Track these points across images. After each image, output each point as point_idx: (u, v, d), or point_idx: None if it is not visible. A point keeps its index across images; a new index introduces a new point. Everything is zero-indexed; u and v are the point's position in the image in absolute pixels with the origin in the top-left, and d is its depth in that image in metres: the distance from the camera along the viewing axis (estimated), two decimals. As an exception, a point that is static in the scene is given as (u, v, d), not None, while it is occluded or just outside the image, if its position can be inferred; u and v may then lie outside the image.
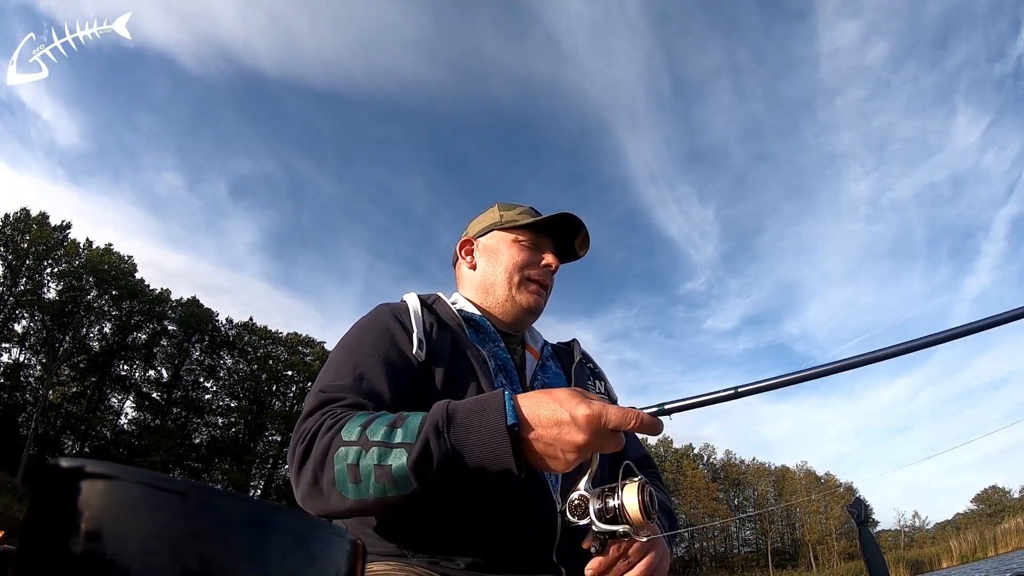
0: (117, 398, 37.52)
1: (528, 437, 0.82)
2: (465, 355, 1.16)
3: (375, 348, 1.09)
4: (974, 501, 55.48)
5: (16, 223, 33.09)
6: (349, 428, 0.87)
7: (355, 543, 0.35)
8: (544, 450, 0.82)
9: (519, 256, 1.32)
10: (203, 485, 0.29)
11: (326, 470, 0.86)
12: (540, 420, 0.81)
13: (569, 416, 0.80)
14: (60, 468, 0.29)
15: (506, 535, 1.01)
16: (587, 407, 0.80)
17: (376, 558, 1.02)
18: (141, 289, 37.43)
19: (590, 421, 0.79)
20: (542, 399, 0.83)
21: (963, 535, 34.03)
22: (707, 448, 57.12)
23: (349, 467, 0.84)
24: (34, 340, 33.67)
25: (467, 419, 0.83)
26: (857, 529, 1.22)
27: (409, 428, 0.84)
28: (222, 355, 41.41)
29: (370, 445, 0.84)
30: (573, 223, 1.34)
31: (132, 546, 0.27)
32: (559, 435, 0.80)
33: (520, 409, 0.83)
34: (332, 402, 0.97)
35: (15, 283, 32.51)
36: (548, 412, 0.81)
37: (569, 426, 0.80)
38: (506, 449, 0.80)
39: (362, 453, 0.84)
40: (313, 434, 0.91)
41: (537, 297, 1.32)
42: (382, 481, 0.82)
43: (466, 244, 1.42)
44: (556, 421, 0.81)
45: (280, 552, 0.30)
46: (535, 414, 0.82)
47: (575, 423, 0.80)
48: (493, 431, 0.81)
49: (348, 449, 0.85)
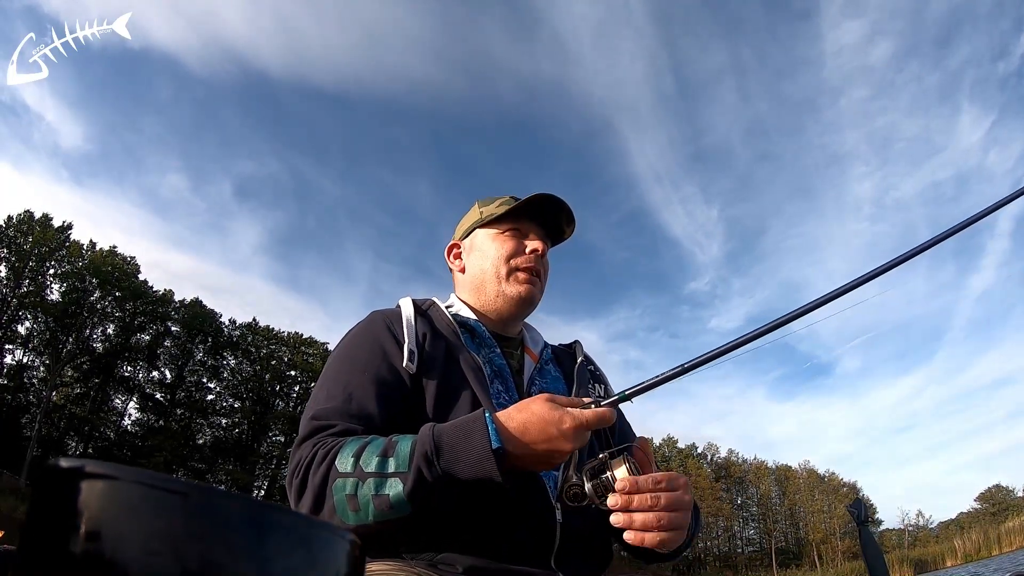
0: (120, 399, 37.68)
1: (515, 454, 0.89)
2: (459, 363, 1.15)
3: (366, 365, 1.10)
4: (978, 500, 55.45)
5: (19, 224, 33.22)
6: (343, 458, 0.91)
7: (355, 543, 0.35)
8: (533, 462, 0.90)
9: (503, 247, 1.29)
10: (203, 485, 0.29)
11: (326, 500, 0.90)
12: (526, 437, 0.89)
13: (556, 431, 0.88)
14: (60, 468, 0.29)
15: (505, 538, 1.01)
16: (570, 420, 0.88)
17: (376, 558, 1.01)
18: (144, 290, 37.54)
19: (577, 428, 0.88)
20: (523, 417, 0.90)
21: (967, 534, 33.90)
22: (710, 447, 57.12)
23: (348, 497, 0.88)
24: (37, 342, 33.79)
25: (454, 445, 0.88)
26: (857, 529, 1.22)
27: (400, 456, 0.89)
28: (225, 356, 41.53)
29: (366, 476, 0.88)
30: (553, 203, 1.30)
31: (132, 546, 0.27)
32: (548, 448, 0.88)
33: (503, 431, 0.89)
34: (323, 430, 1.00)
35: (18, 284, 32.62)
36: (534, 430, 0.88)
37: (558, 440, 0.88)
38: (493, 470, 0.86)
39: (359, 484, 0.88)
40: (307, 465, 0.94)
41: (528, 286, 1.28)
42: (381, 508, 0.87)
43: (453, 248, 1.41)
44: (545, 437, 0.88)
45: (280, 552, 0.30)
46: (521, 432, 0.89)
47: (563, 436, 0.88)
48: (479, 456, 0.87)
49: (345, 481, 0.89)
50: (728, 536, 52.80)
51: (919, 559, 32.78)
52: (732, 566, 50.42)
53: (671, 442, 55.43)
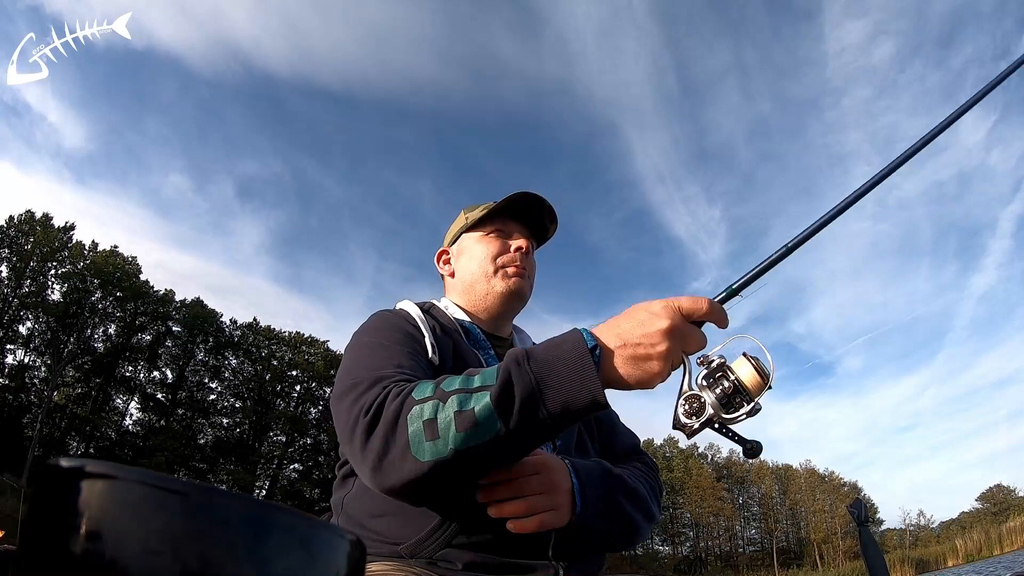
0: (122, 399, 37.68)
1: (613, 350, 0.82)
2: (465, 361, 1.16)
3: (403, 344, 1.08)
4: (979, 499, 55.34)
5: (20, 224, 33.24)
6: (420, 389, 0.85)
7: (355, 543, 0.35)
8: (633, 355, 0.81)
9: (490, 247, 1.33)
10: (203, 485, 0.29)
11: (398, 435, 0.82)
12: (620, 331, 0.82)
13: (646, 313, 0.82)
14: (60, 468, 0.29)
15: (503, 535, 1.00)
16: (658, 302, 0.83)
17: (376, 558, 1.01)
18: (146, 291, 37.55)
19: (667, 307, 0.82)
20: (614, 319, 0.85)
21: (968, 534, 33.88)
22: (712, 447, 57.10)
23: (426, 424, 0.80)
24: (39, 342, 33.82)
25: (547, 351, 0.82)
26: (857, 529, 1.21)
27: (487, 373, 0.82)
28: (227, 356, 41.52)
29: (447, 396, 0.81)
30: (533, 201, 1.34)
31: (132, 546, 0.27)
32: (644, 332, 0.81)
33: (597, 334, 0.83)
34: (385, 378, 0.94)
35: (19, 285, 32.66)
36: (627, 323, 0.83)
37: (649, 320, 0.81)
38: (591, 371, 0.79)
39: (439, 406, 0.80)
40: (379, 404, 0.86)
41: (517, 278, 1.32)
42: (463, 429, 0.78)
43: (442, 255, 1.46)
44: (638, 323, 0.82)
45: (280, 552, 0.30)
46: (614, 330, 0.83)
47: (654, 315, 0.81)
48: (576, 355, 0.80)
49: (423, 406, 0.81)
50: (729, 536, 52.73)
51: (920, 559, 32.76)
52: (733, 566, 50.37)
53: (672, 442, 55.44)
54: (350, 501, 1.12)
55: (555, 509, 0.94)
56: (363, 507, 1.08)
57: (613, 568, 2.20)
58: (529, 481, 0.93)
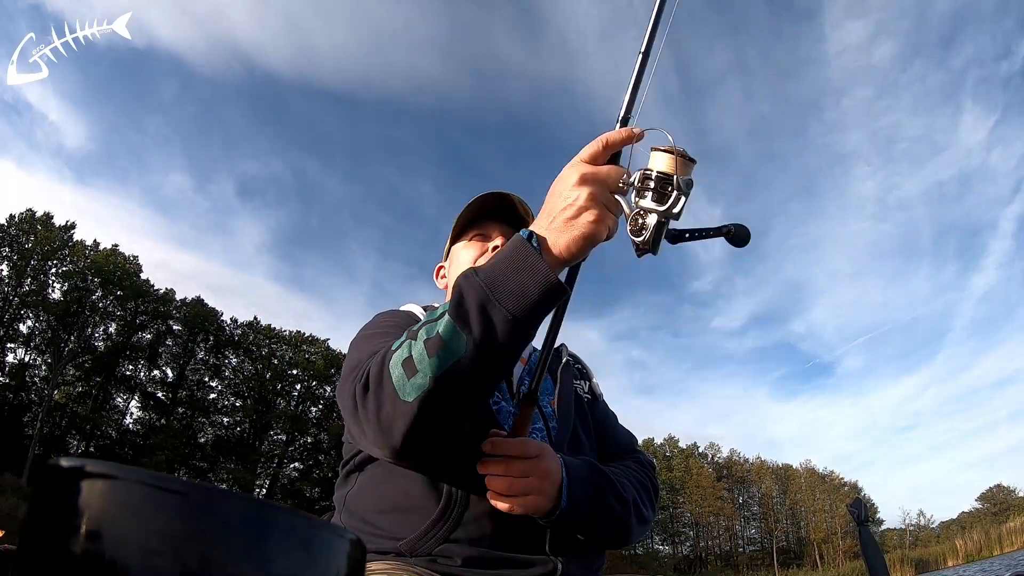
0: (122, 398, 37.73)
1: (547, 227, 0.84)
2: None
3: (402, 328, 1.11)
4: (979, 500, 55.29)
5: (21, 223, 33.27)
6: (396, 342, 0.89)
7: (355, 543, 0.35)
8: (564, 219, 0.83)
9: (471, 252, 1.36)
10: (203, 484, 0.29)
11: (385, 386, 0.85)
12: (546, 210, 0.86)
13: (557, 182, 0.87)
14: (60, 468, 0.29)
15: (501, 530, 1.02)
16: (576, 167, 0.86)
17: (376, 557, 1.02)
18: (146, 289, 37.58)
19: (570, 164, 0.86)
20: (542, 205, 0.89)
21: (968, 534, 33.90)
22: (712, 447, 57.11)
23: (405, 364, 0.83)
24: (39, 340, 33.86)
25: (491, 258, 0.85)
26: (857, 529, 1.22)
27: (445, 304, 0.86)
28: (227, 354, 41.54)
29: (416, 332, 0.85)
30: (498, 197, 1.37)
31: (132, 546, 0.27)
32: (561, 195, 0.84)
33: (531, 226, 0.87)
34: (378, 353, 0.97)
35: (20, 283, 32.68)
36: (548, 200, 0.87)
37: (561, 183, 0.86)
38: (533, 256, 0.81)
39: (412, 344, 0.83)
40: (367, 369, 0.91)
41: None
42: (434, 353, 0.80)
43: (439, 270, 1.52)
44: (555, 192, 0.86)
45: (280, 552, 0.30)
46: (542, 214, 0.87)
47: (563, 177, 0.86)
48: (514, 247, 0.83)
49: (399, 351, 0.85)
50: (729, 535, 52.75)
51: (920, 559, 32.80)
52: (733, 565, 50.41)
53: (673, 442, 55.43)
54: (352, 498, 1.14)
55: (541, 494, 0.96)
56: (365, 503, 1.11)
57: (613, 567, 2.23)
58: (524, 462, 0.96)
